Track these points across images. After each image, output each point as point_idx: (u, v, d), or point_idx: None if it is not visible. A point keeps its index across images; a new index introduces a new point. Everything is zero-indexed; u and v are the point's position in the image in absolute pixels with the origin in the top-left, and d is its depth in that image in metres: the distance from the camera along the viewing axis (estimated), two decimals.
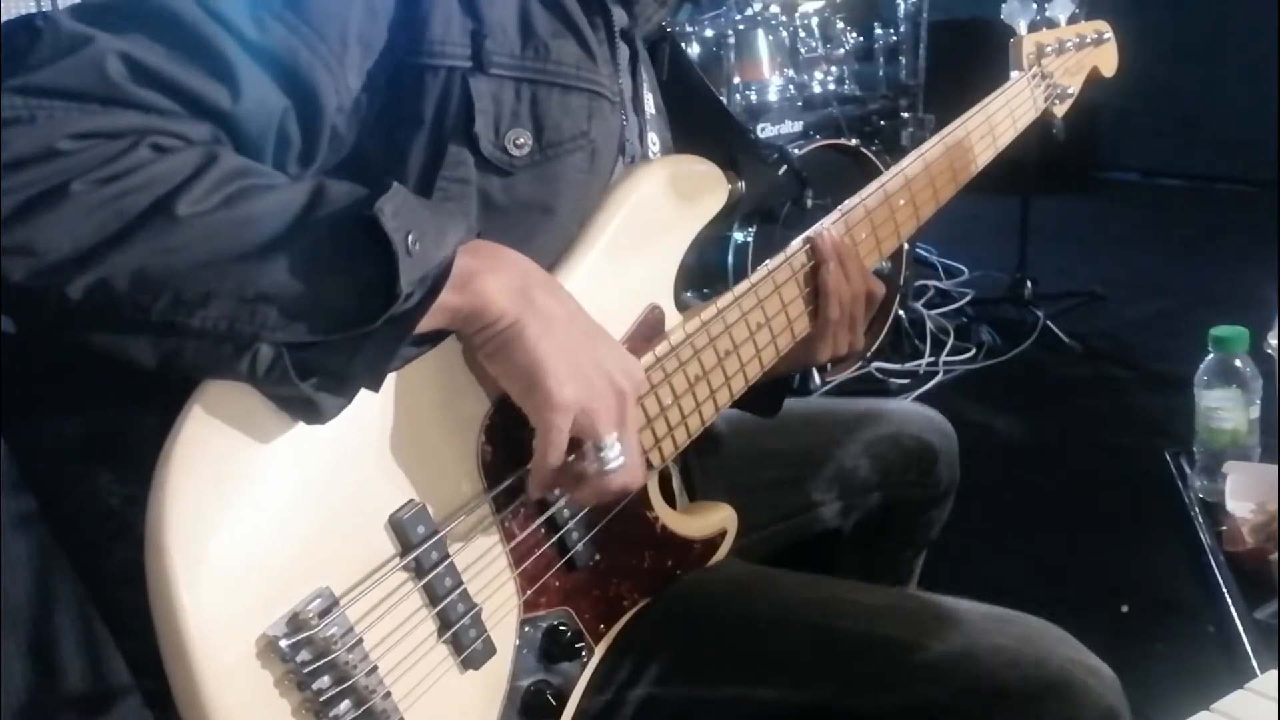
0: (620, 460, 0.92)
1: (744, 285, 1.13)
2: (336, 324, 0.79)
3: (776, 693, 1.04)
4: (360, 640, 0.84)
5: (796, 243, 1.18)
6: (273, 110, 0.84)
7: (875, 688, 1.03)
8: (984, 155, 1.39)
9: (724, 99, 3.07)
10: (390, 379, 0.86)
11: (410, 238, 0.80)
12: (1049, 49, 1.51)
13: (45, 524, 0.81)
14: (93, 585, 0.81)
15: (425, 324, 0.84)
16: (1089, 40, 1.58)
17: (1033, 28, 1.51)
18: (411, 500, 0.89)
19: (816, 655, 1.05)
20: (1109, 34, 1.62)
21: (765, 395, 1.24)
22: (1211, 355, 1.67)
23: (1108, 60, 1.63)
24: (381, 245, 0.79)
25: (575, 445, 0.92)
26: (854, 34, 3.53)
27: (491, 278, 0.87)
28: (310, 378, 0.80)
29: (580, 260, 1.02)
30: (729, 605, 1.10)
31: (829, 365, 1.28)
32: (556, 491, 0.98)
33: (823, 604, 1.09)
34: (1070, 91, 1.55)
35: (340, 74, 0.87)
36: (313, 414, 0.81)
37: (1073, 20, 1.57)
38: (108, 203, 0.74)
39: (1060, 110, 1.55)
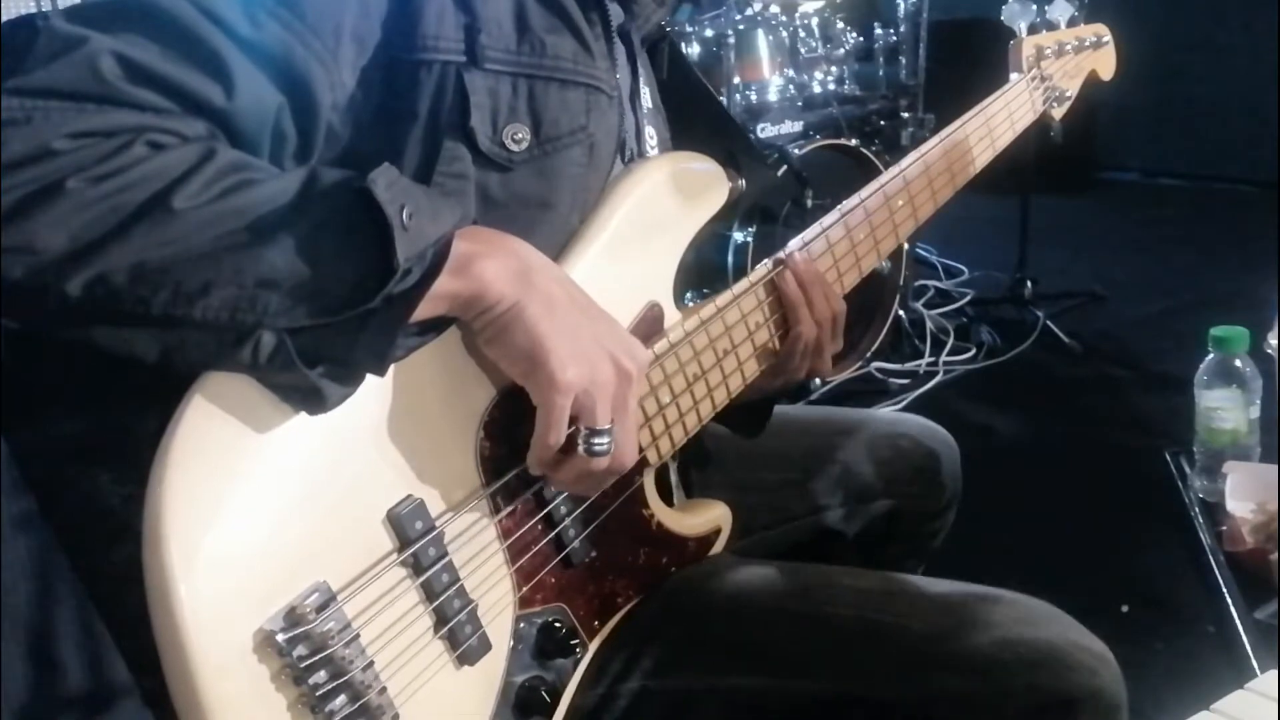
0: (607, 447, 0.92)
1: (744, 284, 1.13)
2: (337, 305, 0.79)
3: (769, 681, 1.04)
4: (357, 635, 0.84)
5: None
6: (268, 106, 0.84)
7: (867, 672, 1.03)
8: (982, 157, 1.39)
9: (724, 99, 3.07)
10: (389, 372, 0.86)
11: (405, 211, 0.80)
12: (1048, 51, 1.51)
13: (45, 524, 0.81)
14: (93, 585, 0.81)
15: (425, 310, 0.84)
16: (1088, 44, 1.58)
17: (1032, 30, 1.51)
18: (410, 495, 0.89)
19: (807, 642, 1.05)
20: (1108, 38, 1.62)
21: (749, 415, 1.24)
22: (1211, 355, 1.67)
23: (1106, 64, 1.64)
24: (377, 219, 0.79)
25: (571, 423, 0.92)
26: (854, 34, 3.53)
27: (490, 261, 0.87)
28: (315, 365, 0.80)
29: (581, 256, 1.02)
30: (719, 594, 1.10)
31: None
32: (553, 489, 0.98)
33: (812, 590, 1.09)
34: (1068, 94, 1.55)
35: (335, 70, 0.87)
36: (316, 402, 0.81)
37: (1072, 23, 1.57)
38: (103, 199, 0.74)
39: (1058, 113, 1.55)
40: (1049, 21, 1.54)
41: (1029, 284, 3.65)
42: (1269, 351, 1.73)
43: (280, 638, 0.79)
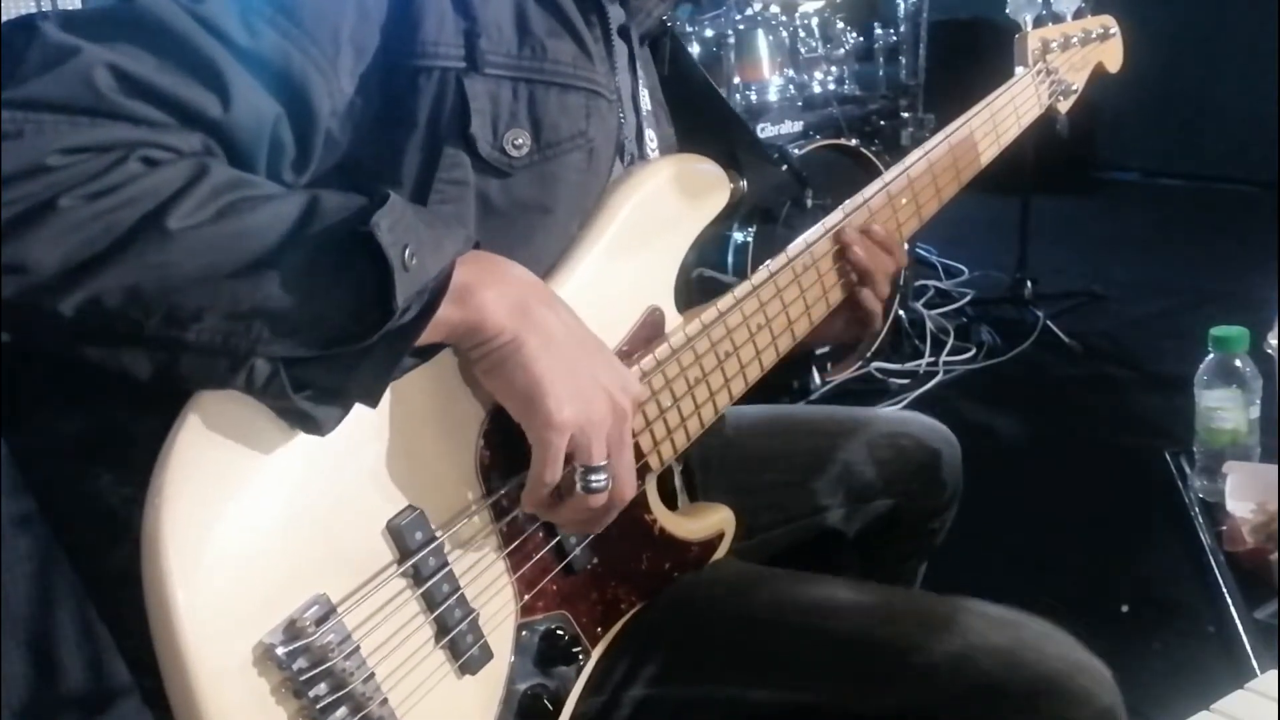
0: (604, 484, 0.91)
1: (745, 287, 1.13)
2: (332, 339, 0.78)
3: (773, 693, 1.04)
4: (357, 647, 0.84)
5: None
6: (265, 117, 0.83)
7: (872, 689, 1.03)
8: (988, 152, 1.38)
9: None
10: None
11: (407, 252, 0.79)
12: (1054, 44, 1.50)
13: (45, 524, 0.81)
14: (93, 585, 0.81)
15: (422, 338, 0.83)
16: (1095, 35, 1.56)
17: (1038, 23, 1.50)
18: (409, 506, 0.88)
19: (813, 656, 1.05)
20: (1115, 29, 1.60)
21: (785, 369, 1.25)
22: (1211, 355, 1.66)
23: (1113, 56, 1.61)
24: (377, 260, 0.78)
25: (567, 462, 0.91)
26: (854, 34, 3.53)
27: (489, 292, 0.86)
28: (307, 392, 0.79)
29: (580, 261, 1.01)
30: (725, 605, 1.10)
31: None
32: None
33: (819, 604, 1.09)
34: (1075, 87, 1.53)
35: (333, 77, 0.86)
36: (311, 426, 0.81)
37: (1079, 15, 1.55)
38: (97, 218, 0.73)
39: (1064, 106, 1.53)
40: (1055, 14, 1.52)
41: (1029, 284, 3.65)
42: (1269, 351, 1.72)
43: (280, 651, 0.79)
